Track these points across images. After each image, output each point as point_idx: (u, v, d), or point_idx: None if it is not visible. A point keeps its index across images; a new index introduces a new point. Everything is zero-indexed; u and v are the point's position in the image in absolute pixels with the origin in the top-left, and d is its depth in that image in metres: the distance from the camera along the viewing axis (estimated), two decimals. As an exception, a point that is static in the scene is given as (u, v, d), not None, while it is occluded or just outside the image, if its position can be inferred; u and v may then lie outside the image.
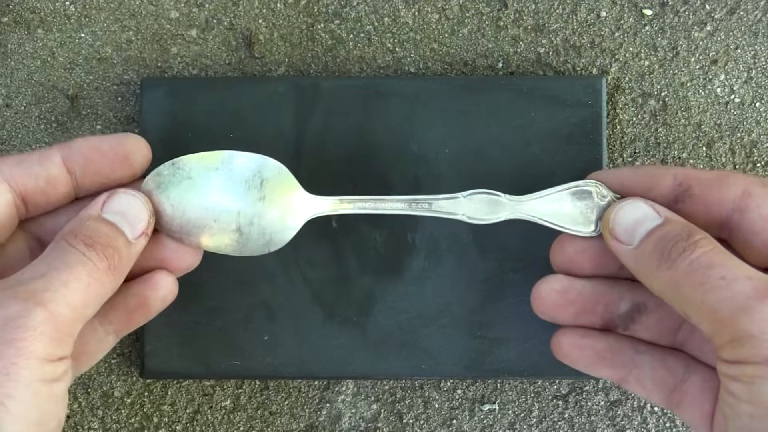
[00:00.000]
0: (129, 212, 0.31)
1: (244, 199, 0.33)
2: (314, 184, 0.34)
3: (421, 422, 0.41)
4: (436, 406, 0.41)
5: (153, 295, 0.33)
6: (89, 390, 0.41)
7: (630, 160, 0.40)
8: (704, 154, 0.40)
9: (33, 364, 0.25)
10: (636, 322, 0.33)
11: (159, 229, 0.33)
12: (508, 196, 0.33)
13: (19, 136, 0.41)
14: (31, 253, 0.33)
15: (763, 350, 0.25)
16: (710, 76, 0.40)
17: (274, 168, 0.33)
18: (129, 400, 0.41)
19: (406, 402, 0.41)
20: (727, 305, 0.26)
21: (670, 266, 0.28)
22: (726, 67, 0.40)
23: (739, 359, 0.26)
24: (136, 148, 0.32)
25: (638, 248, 0.30)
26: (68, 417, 0.41)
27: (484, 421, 0.40)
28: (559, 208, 0.33)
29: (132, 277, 0.32)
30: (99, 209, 0.31)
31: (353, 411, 0.41)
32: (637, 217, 0.31)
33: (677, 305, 0.28)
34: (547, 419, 0.40)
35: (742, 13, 0.40)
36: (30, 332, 0.25)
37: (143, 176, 0.33)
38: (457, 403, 0.41)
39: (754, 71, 0.40)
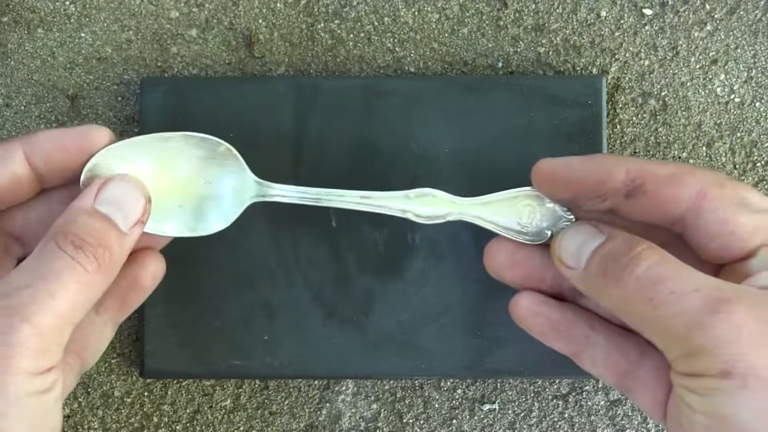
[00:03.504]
0: (124, 201, 0.30)
1: (189, 179, 0.33)
2: (314, 184, 0.34)
3: (421, 422, 0.41)
4: (436, 405, 0.41)
5: (143, 274, 0.32)
6: (89, 390, 0.41)
7: (630, 159, 0.40)
8: (704, 154, 0.40)
9: (20, 380, 0.26)
10: (584, 296, 0.32)
11: None
12: (455, 197, 0.34)
13: (19, 135, 0.41)
14: (5, 250, 0.32)
15: (717, 363, 0.25)
16: (710, 76, 0.40)
17: (223, 150, 0.33)
18: (129, 400, 0.41)
19: (406, 402, 0.41)
20: (678, 320, 0.26)
21: (617, 284, 0.28)
22: (726, 67, 0.40)
23: (694, 372, 0.26)
24: (101, 139, 0.31)
25: (585, 271, 0.30)
26: (68, 417, 0.41)
27: (484, 421, 0.40)
28: (507, 214, 0.33)
29: None
30: (92, 201, 0.30)
31: (353, 411, 0.41)
32: (581, 239, 0.30)
33: (630, 322, 0.28)
34: (547, 419, 0.40)
35: (742, 12, 0.40)
36: (16, 349, 0.26)
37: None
38: (457, 403, 0.41)
39: (754, 71, 0.40)
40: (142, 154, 0.32)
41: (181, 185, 0.33)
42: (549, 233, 0.33)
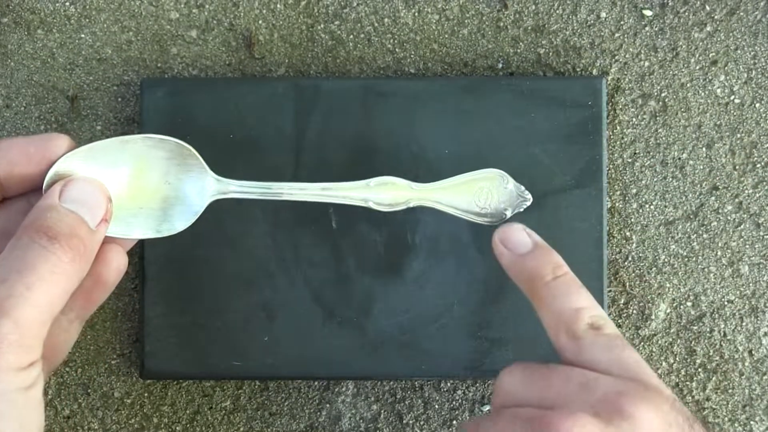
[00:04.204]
0: (87, 199, 0.30)
1: (151, 180, 0.33)
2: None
3: (421, 423, 0.41)
4: (436, 406, 0.41)
5: (106, 270, 0.32)
6: (89, 391, 0.41)
7: (630, 160, 0.40)
8: (704, 155, 0.40)
9: (7, 375, 0.25)
10: None
11: None
12: (414, 183, 0.34)
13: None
14: None
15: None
16: (710, 77, 0.40)
17: (182, 150, 0.33)
18: (129, 401, 0.41)
19: (406, 402, 0.41)
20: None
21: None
22: (726, 68, 0.40)
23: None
24: (62, 146, 0.31)
25: (514, 265, 0.32)
26: (68, 417, 0.41)
27: (484, 422, 0.40)
28: (466, 197, 0.34)
29: None
30: (57, 199, 0.30)
31: (353, 411, 0.41)
32: (520, 240, 0.33)
33: (531, 299, 0.32)
34: (547, 420, 0.40)
35: (741, 13, 0.40)
36: None
37: None
38: (457, 404, 0.41)
39: (753, 72, 0.40)
40: (102, 158, 0.32)
41: (142, 187, 0.33)
42: (508, 214, 0.34)
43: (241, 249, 0.39)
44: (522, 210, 0.35)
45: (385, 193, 0.34)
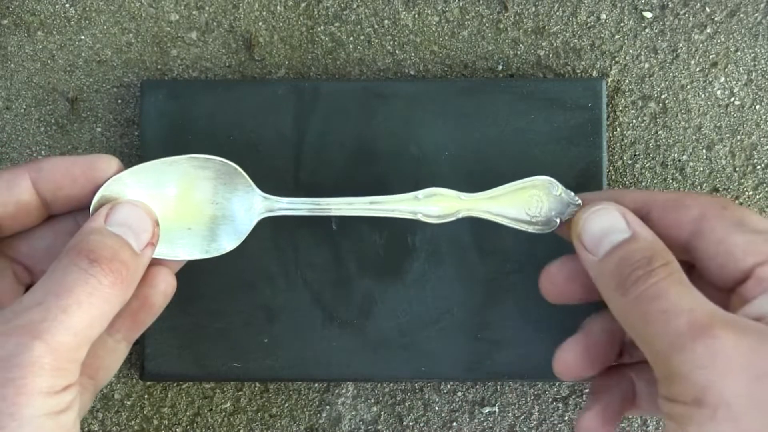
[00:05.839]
0: (133, 223, 0.30)
1: (198, 200, 0.33)
2: (314, 187, 0.34)
3: (421, 425, 0.41)
4: (436, 408, 0.41)
5: (153, 293, 0.32)
6: (89, 392, 0.41)
7: (630, 162, 0.40)
8: (704, 157, 0.40)
9: (35, 400, 0.25)
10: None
11: None
12: (462, 194, 0.34)
13: (19, 138, 0.41)
14: (16, 278, 0.32)
15: (691, 390, 0.24)
16: (710, 79, 0.40)
17: (228, 169, 0.33)
18: (129, 403, 0.41)
19: (406, 404, 0.41)
20: (663, 340, 0.25)
21: (624, 293, 0.27)
22: (726, 70, 0.40)
23: (672, 397, 0.25)
24: (110, 169, 0.31)
25: (601, 262, 0.29)
26: (68, 419, 0.41)
27: (484, 424, 0.40)
28: (516, 205, 0.33)
29: None
30: (102, 222, 0.30)
31: (353, 413, 0.41)
32: (605, 226, 0.30)
33: (627, 331, 0.28)
34: (547, 421, 0.40)
35: (742, 15, 0.40)
36: (29, 369, 0.25)
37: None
38: (457, 406, 0.41)
39: (754, 74, 0.40)
40: (149, 179, 0.32)
41: (189, 208, 0.33)
42: (558, 221, 0.33)
43: (241, 250, 0.39)
44: (572, 217, 0.33)
45: (434, 205, 0.33)
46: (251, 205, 0.33)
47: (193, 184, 0.33)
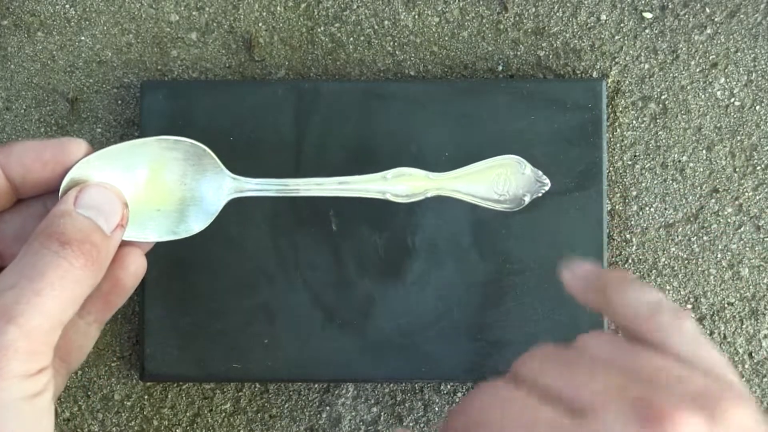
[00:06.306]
0: (102, 205, 0.30)
1: (167, 182, 0.33)
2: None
3: (422, 425, 0.41)
4: (436, 409, 0.41)
5: (124, 274, 0.32)
6: (89, 393, 0.41)
7: (630, 163, 0.40)
8: (704, 157, 0.40)
9: (11, 384, 0.25)
10: None
11: None
12: (431, 173, 0.34)
13: (19, 139, 0.41)
14: None
15: None
16: (710, 80, 0.40)
17: (197, 150, 0.33)
18: (129, 403, 0.41)
19: (406, 405, 0.41)
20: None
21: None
22: (726, 70, 0.40)
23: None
24: (78, 151, 0.31)
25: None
26: (68, 420, 0.41)
27: (484, 424, 0.40)
28: (484, 184, 0.34)
29: None
30: (72, 205, 0.30)
31: (353, 414, 0.41)
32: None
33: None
34: (547, 422, 0.40)
35: (742, 16, 0.40)
36: (4, 352, 0.25)
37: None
38: (457, 406, 0.41)
39: (754, 74, 0.40)
40: (118, 161, 0.32)
41: (158, 189, 0.33)
42: (527, 199, 0.33)
43: (241, 251, 0.39)
44: (540, 195, 0.34)
45: (402, 184, 0.34)
46: (220, 186, 0.33)
47: (163, 166, 0.33)
